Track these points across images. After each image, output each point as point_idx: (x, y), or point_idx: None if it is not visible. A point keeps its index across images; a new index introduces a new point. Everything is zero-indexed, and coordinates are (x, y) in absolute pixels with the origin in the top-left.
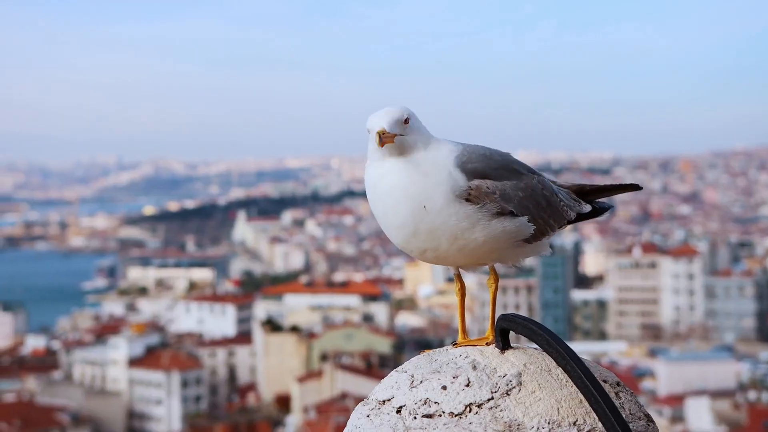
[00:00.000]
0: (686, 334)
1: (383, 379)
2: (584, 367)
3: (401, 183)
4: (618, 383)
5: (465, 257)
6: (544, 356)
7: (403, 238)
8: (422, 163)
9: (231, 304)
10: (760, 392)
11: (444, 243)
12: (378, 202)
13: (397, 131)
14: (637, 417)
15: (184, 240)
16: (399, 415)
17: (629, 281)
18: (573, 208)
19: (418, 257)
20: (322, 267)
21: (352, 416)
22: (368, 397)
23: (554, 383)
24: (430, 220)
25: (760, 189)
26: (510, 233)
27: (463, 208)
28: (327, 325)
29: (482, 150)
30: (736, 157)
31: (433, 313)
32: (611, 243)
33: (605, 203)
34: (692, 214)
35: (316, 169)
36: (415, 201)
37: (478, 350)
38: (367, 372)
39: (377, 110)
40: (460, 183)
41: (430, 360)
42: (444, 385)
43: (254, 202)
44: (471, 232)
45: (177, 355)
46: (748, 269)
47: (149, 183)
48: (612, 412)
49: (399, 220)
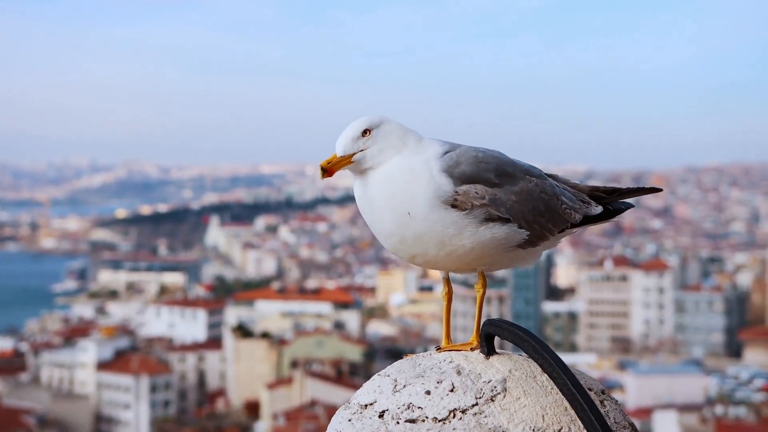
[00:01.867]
0: (655, 347)
1: (365, 383)
2: (571, 374)
3: (384, 193)
4: (603, 391)
5: (454, 262)
6: (529, 363)
7: (392, 245)
8: (400, 170)
9: (202, 309)
10: (728, 407)
11: (432, 249)
12: (364, 212)
13: (355, 149)
14: (621, 426)
15: (156, 244)
16: (381, 419)
17: (600, 294)
18: (579, 210)
19: (409, 262)
20: (294, 273)
21: (333, 420)
22: (349, 400)
23: (539, 390)
24: (416, 227)
25: (730, 205)
26: (499, 240)
27: (449, 214)
28: (298, 332)
29: (473, 152)
30: (707, 172)
31: (404, 321)
32: (583, 255)
33: (624, 203)
34: (664, 228)
35: (291, 175)
36: (398, 210)
37: (462, 355)
38: (337, 380)
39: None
40: (445, 188)
41: (413, 364)
42: (428, 389)
43: (227, 207)
44: (458, 239)
45: (146, 360)
46: (717, 284)
47: (122, 185)
48: (598, 420)
49: (385, 229)
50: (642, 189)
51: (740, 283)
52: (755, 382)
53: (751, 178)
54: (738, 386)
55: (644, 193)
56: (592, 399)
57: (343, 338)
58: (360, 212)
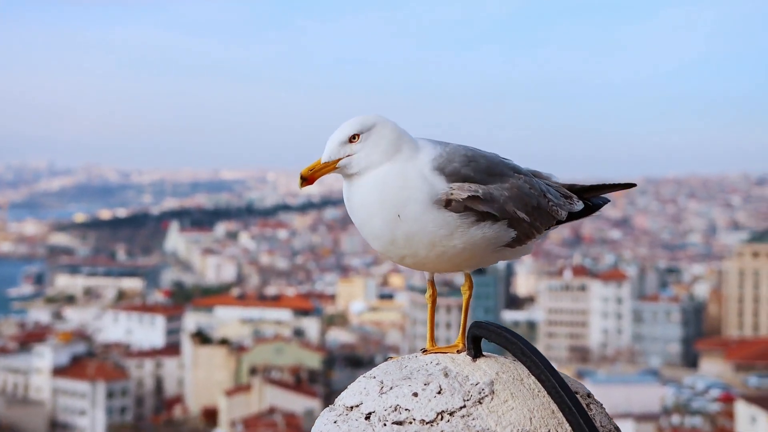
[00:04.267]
0: (613, 357)
1: (350, 385)
2: (559, 377)
3: (375, 195)
4: (589, 395)
5: (444, 264)
6: (516, 365)
7: (382, 246)
8: (392, 176)
9: (160, 315)
10: (684, 417)
11: (422, 250)
12: (353, 214)
13: (341, 154)
14: (607, 429)
15: (114, 249)
16: (368, 421)
17: (559, 303)
18: (564, 207)
19: (397, 263)
20: (254, 280)
21: (318, 422)
22: (334, 402)
23: (526, 393)
24: (407, 228)
25: (688, 216)
26: (489, 239)
27: (441, 215)
28: (257, 339)
29: (463, 151)
30: (666, 184)
31: (364, 329)
32: (543, 265)
33: (601, 198)
34: (622, 239)
35: (252, 181)
36: (389, 213)
37: (449, 357)
38: (296, 387)
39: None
40: (438, 188)
41: (399, 366)
42: (415, 391)
43: (188, 213)
44: (449, 239)
45: (103, 365)
46: (675, 295)
47: (81, 190)
48: (586, 423)
49: (375, 230)
50: (617, 185)
51: (697, 294)
52: (711, 392)
53: (708, 190)
54: (694, 396)
55: (619, 188)
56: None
57: (303, 345)
58: (348, 213)
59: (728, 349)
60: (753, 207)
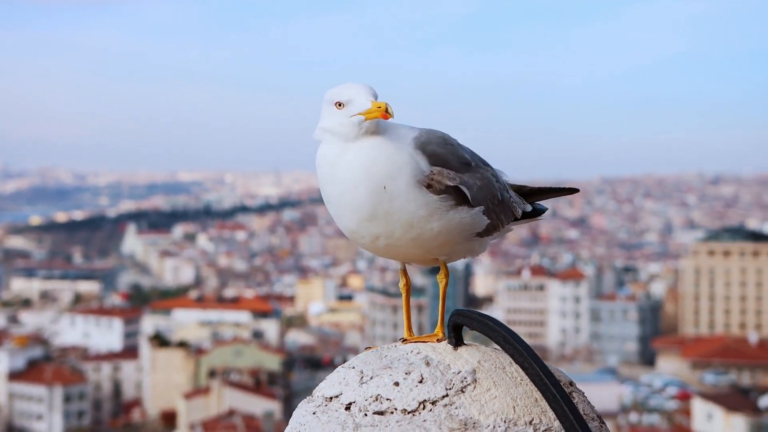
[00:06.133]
0: (571, 356)
1: (328, 376)
2: (542, 364)
3: (364, 162)
4: (571, 383)
5: (417, 248)
6: (497, 354)
7: (357, 222)
8: (386, 144)
9: (118, 318)
10: (641, 415)
11: (398, 230)
12: (336, 181)
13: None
14: (591, 418)
15: (70, 251)
16: (348, 411)
17: (518, 303)
18: (520, 205)
19: (368, 245)
20: (212, 282)
21: (296, 414)
22: (312, 393)
23: (509, 381)
24: (389, 203)
25: (645, 216)
26: (465, 225)
27: (422, 195)
28: (216, 341)
29: (440, 134)
30: (623, 184)
31: (323, 330)
32: (501, 265)
33: (541, 206)
34: (580, 238)
35: (209, 183)
36: (376, 182)
37: (430, 346)
38: (255, 389)
39: (346, 83)
40: (422, 168)
41: (379, 356)
42: (396, 381)
43: (145, 215)
44: (427, 221)
45: (60, 369)
46: (632, 294)
47: (36, 192)
48: (571, 410)
49: (357, 200)
50: (561, 189)
51: (654, 293)
52: (668, 390)
53: (664, 190)
54: (651, 394)
55: (562, 194)
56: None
57: (262, 347)
58: (324, 183)
59: (685, 347)
60: (708, 206)
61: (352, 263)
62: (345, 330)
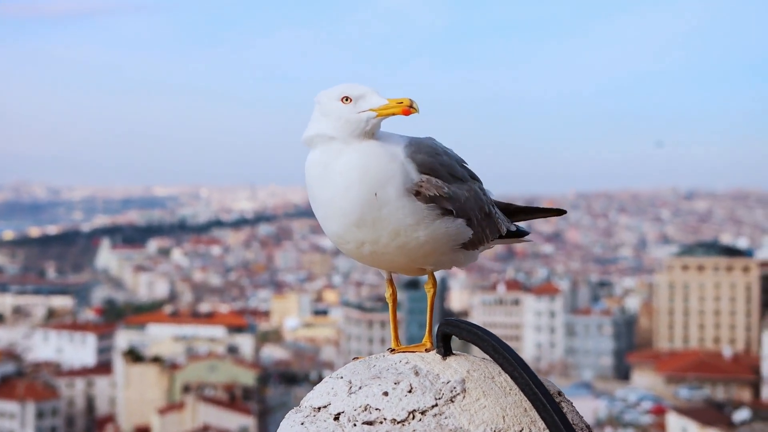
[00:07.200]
0: (547, 370)
1: (316, 386)
2: (532, 374)
3: (359, 165)
4: (559, 393)
5: (402, 256)
6: (486, 363)
7: (344, 227)
8: (379, 151)
9: (91, 333)
10: (617, 429)
11: (385, 237)
12: (327, 184)
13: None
14: (579, 428)
15: (44, 266)
16: (337, 422)
17: (493, 317)
18: (505, 223)
19: (353, 252)
20: (187, 297)
21: (283, 424)
22: (300, 403)
23: (498, 391)
24: (378, 210)
25: (619, 230)
26: (451, 236)
27: (411, 203)
28: (190, 356)
29: (430, 142)
30: (597, 198)
31: (298, 345)
32: (476, 279)
33: (523, 228)
34: (555, 253)
35: (185, 197)
36: (368, 188)
37: (418, 356)
38: (230, 404)
39: (348, 82)
40: (412, 176)
41: (367, 366)
42: (385, 390)
43: (119, 230)
44: (414, 230)
45: (33, 385)
46: (607, 308)
47: (9, 207)
48: (561, 420)
49: (347, 205)
50: (548, 210)
51: (628, 307)
52: (643, 404)
53: (639, 205)
54: (626, 408)
55: (550, 214)
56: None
57: (237, 362)
58: (313, 187)
59: (659, 362)
60: (682, 221)
61: (327, 278)
62: (320, 345)
